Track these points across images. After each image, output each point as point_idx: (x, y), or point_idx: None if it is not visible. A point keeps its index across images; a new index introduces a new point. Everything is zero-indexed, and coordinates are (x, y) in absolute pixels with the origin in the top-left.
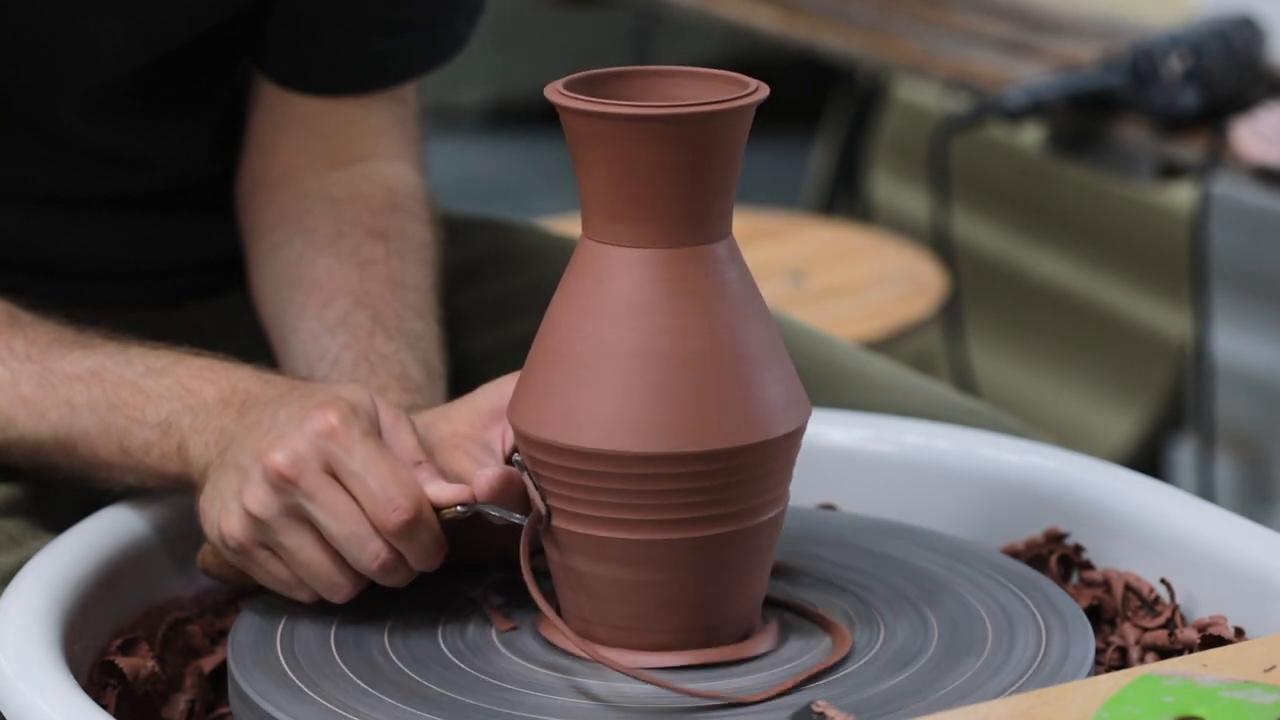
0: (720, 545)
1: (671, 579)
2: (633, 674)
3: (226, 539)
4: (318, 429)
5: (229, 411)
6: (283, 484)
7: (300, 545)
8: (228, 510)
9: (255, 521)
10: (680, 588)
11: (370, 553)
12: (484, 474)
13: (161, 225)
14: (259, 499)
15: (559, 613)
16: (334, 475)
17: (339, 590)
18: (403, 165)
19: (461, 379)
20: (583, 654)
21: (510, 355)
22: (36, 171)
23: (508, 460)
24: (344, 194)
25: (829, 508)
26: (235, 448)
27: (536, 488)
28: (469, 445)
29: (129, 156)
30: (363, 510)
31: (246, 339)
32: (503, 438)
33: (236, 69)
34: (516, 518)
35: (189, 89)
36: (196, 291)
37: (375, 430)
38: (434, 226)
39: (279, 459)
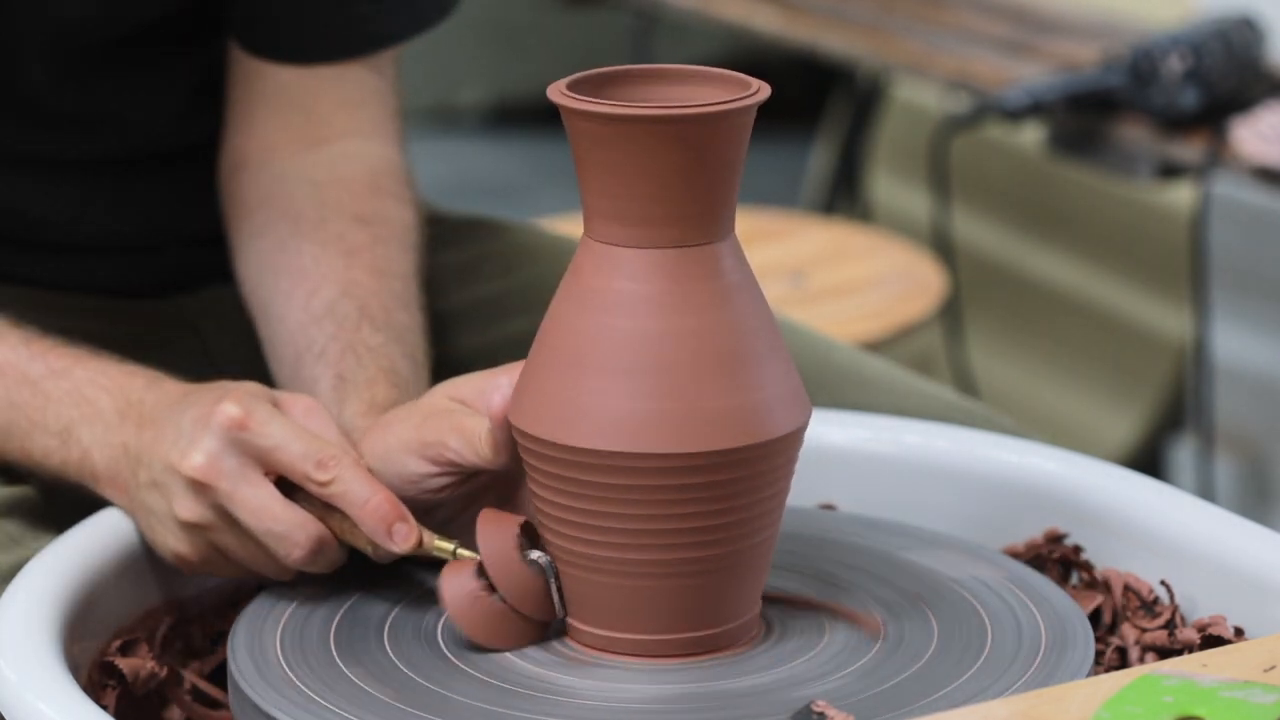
0: (720, 546)
1: (671, 580)
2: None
3: (178, 558)
4: (223, 424)
5: (127, 426)
6: (202, 487)
7: (238, 543)
8: (166, 529)
9: (194, 529)
10: (680, 588)
11: (291, 544)
12: (498, 398)
13: (139, 192)
14: (188, 507)
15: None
16: (257, 459)
17: (287, 575)
18: (381, 142)
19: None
20: (583, 656)
21: (505, 354)
22: (9, 133)
23: (528, 545)
24: (325, 176)
25: (829, 508)
26: (147, 465)
27: (559, 596)
28: (453, 413)
29: (101, 118)
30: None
31: (235, 332)
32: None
33: (211, 40)
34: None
35: (163, 54)
36: (181, 272)
37: (277, 408)
38: (414, 207)
39: (196, 461)
